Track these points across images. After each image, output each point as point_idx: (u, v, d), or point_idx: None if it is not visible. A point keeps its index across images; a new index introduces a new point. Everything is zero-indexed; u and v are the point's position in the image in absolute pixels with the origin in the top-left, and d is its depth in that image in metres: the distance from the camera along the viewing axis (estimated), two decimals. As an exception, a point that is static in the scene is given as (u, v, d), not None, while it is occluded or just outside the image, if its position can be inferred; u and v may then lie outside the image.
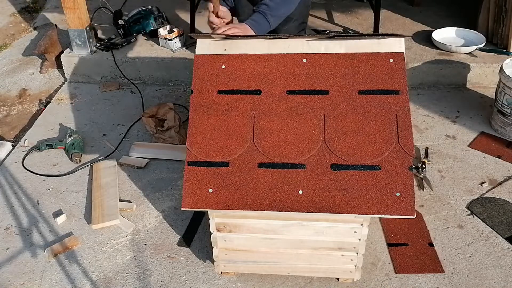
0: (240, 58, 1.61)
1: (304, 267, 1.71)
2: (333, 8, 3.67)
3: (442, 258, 1.86)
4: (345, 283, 1.77)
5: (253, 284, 1.78)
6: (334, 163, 1.46)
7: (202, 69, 1.61)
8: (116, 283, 1.80)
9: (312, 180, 1.45)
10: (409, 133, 1.47)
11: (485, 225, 2.00)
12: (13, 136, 2.77)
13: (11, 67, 3.35)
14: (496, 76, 2.58)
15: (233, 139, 1.51)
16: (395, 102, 1.51)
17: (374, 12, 3.11)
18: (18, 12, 4.15)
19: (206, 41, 1.65)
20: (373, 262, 1.86)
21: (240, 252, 1.68)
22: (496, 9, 3.00)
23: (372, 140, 1.47)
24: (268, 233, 1.60)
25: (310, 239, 1.60)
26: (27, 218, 2.10)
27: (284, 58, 1.60)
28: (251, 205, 1.46)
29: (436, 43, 3.05)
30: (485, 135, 2.53)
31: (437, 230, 1.98)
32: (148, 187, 2.24)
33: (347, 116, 1.51)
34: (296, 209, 1.44)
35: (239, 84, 1.58)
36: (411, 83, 2.87)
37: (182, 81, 3.07)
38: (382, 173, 1.44)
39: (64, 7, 2.98)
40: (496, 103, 2.51)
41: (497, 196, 2.14)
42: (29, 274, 1.84)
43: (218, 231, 1.62)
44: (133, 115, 2.76)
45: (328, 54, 1.59)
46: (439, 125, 2.62)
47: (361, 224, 1.53)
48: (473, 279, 1.78)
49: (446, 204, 2.11)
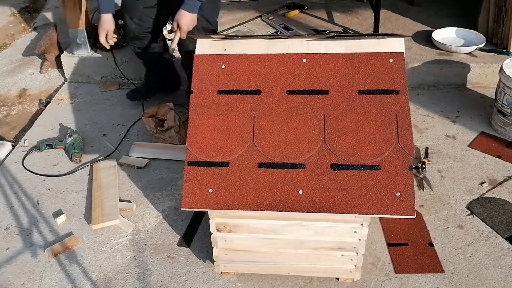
0: (240, 58, 1.61)
1: (304, 267, 1.71)
2: (333, 8, 3.67)
3: (442, 258, 1.86)
4: (345, 283, 1.77)
5: (253, 284, 1.78)
6: (334, 163, 1.46)
7: (202, 69, 1.61)
8: (116, 283, 1.79)
9: (312, 180, 1.45)
10: (409, 133, 1.47)
11: (485, 225, 2.00)
12: (13, 136, 2.77)
13: (11, 67, 3.35)
14: (496, 76, 2.58)
15: (233, 139, 1.51)
16: (395, 102, 1.51)
17: (374, 12, 3.11)
18: (18, 12, 4.15)
19: (206, 41, 1.65)
20: (373, 262, 1.86)
21: (240, 252, 1.68)
22: (496, 9, 3.00)
23: (372, 140, 1.47)
24: (268, 233, 1.60)
25: (310, 239, 1.60)
26: (27, 218, 2.10)
27: (284, 58, 1.60)
28: (251, 205, 1.46)
29: (436, 43, 3.05)
30: (485, 135, 2.53)
31: (437, 230, 1.98)
32: (148, 187, 2.24)
33: (347, 116, 1.51)
34: (296, 209, 1.44)
35: (239, 84, 1.58)
36: (411, 83, 2.86)
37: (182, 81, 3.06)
38: (382, 173, 1.44)
39: (64, 7, 2.98)
40: (496, 103, 2.51)
41: (497, 196, 2.14)
42: (29, 274, 1.84)
43: (218, 231, 1.62)
44: (133, 115, 2.76)
45: (328, 54, 1.59)
46: (439, 125, 2.62)
47: (361, 224, 1.53)
48: (473, 279, 1.78)
49: (446, 204, 2.11)
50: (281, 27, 3.34)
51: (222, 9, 3.66)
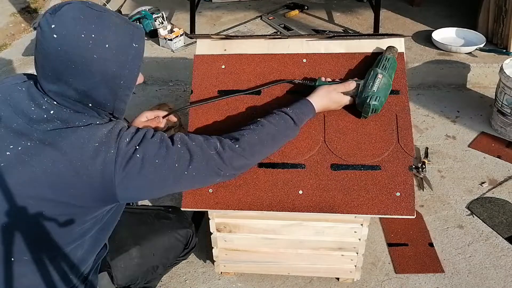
0: (240, 58, 1.61)
1: (304, 267, 1.71)
2: (333, 8, 3.67)
3: (442, 258, 1.86)
4: (345, 283, 1.77)
5: (253, 284, 1.78)
6: (334, 163, 1.46)
7: (202, 69, 1.61)
8: (116, 283, 1.79)
9: (312, 180, 1.45)
10: (409, 133, 1.47)
11: (485, 225, 2.00)
12: (13, 136, 2.76)
13: (11, 67, 3.35)
14: (496, 76, 2.58)
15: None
16: (395, 102, 1.51)
17: (374, 12, 3.11)
18: (18, 12, 4.15)
19: (206, 41, 1.65)
20: (373, 262, 1.86)
21: (240, 252, 1.68)
22: (496, 9, 3.00)
23: (372, 140, 1.47)
24: (268, 233, 1.60)
25: (310, 239, 1.60)
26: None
27: (284, 58, 1.60)
28: (251, 205, 1.45)
29: (436, 43, 3.05)
30: (485, 135, 2.53)
31: (437, 230, 1.98)
32: (148, 187, 2.24)
33: (347, 116, 1.51)
34: (296, 209, 1.44)
35: (239, 84, 1.58)
36: (411, 83, 2.87)
37: (182, 81, 3.07)
38: (382, 173, 1.44)
39: (64, 7, 2.98)
40: (496, 103, 2.51)
41: (497, 196, 2.14)
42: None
43: (218, 231, 1.61)
44: (133, 115, 2.75)
45: (328, 54, 1.59)
46: (439, 125, 2.62)
47: (361, 224, 1.53)
48: (473, 279, 1.78)
49: (446, 204, 2.11)
50: (281, 27, 3.34)
51: (222, 9, 3.68)
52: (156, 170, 1.15)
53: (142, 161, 1.13)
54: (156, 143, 1.18)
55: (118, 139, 1.13)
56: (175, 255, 1.60)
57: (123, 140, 1.13)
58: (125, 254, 1.47)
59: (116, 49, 1.08)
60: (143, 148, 1.15)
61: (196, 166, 1.21)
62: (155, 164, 1.15)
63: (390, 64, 1.46)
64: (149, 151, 1.15)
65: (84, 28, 1.04)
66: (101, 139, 1.11)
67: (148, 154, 1.15)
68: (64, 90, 1.08)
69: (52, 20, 1.04)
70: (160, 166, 1.16)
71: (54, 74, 1.07)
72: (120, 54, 1.09)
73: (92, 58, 1.06)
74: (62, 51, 1.04)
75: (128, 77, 1.13)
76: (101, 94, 1.11)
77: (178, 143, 1.21)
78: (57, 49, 1.04)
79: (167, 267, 1.64)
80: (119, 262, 1.45)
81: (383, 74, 1.44)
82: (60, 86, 1.08)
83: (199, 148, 1.23)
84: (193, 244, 1.65)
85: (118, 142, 1.12)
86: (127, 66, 1.11)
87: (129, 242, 1.49)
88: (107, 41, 1.07)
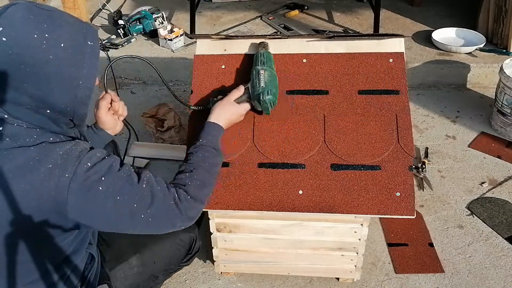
0: (240, 58, 1.61)
1: (304, 267, 1.71)
2: (333, 8, 3.66)
3: (442, 258, 1.86)
4: (345, 283, 1.77)
5: (253, 284, 1.78)
6: (334, 163, 1.46)
7: (202, 69, 1.61)
8: (116, 283, 1.79)
9: (312, 180, 1.45)
10: (409, 133, 1.47)
11: (485, 225, 2.00)
12: (13, 136, 2.76)
13: None
14: (496, 76, 2.58)
15: (233, 139, 1.51)
16: (395, 102, 1.51)
17: (374, 12, 3.11)
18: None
19: (206, 41, 1.65)
20: (373, 262, 1.86)
21: (240, 252, 1.68)
22: (496, 9, 3.00)
23: (372, 140, 1.47)
24: (268, 233, 1.60)
25: (310, 239, 1.60)
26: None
27: (284, 58, 1.60)
28: (251, 205, 1.45)
29: (436, 43, 3.05)
30: (485, 135, 2.53)
31: (437, 230, 1.98)
32: (148, 187, 2.24)
33: (347, 116, 1.51)
34: (296, 209, 1.44)
35: (239, 85, 1.58)
36: (411, 83, 2.86)
37: (182, 81, 3.06)
38: (382, 173, 1.44)
39: (64, 7, 2.98)
40: (496, 103, 2.51)
41: (497, 196, 2.14)
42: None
43: (218, 231, 1.61)
44: (133, 115, 2.76)
45: (328, 54, 1.59)
46: (439, 125, 2.62)
47: (361, 224, 1.53)
48: (473, 279, 1.78)
49: (446, 204, 2.11)
50: (281, 27, 3.34)
51: (222, 9, 3.67)
52: (116, 205, 1.09)
53: (105, 194, 1.07)
54: (122, 178, 1.12)
55: (76, 163, 1.04)
56: (177, 261, 1.57)
57: (83, 165, 1.05)
58: (125, 263, 1.43)
59: (71, 48, 1.01)
60: (107, 181, 1.08)
61: (153, 212, 1.14)
62: (116, 200, 1.09)
63: (265, 57, 1.51)
64: (113, 186, 1.09)
65: (35, 28, 0.97)
66: (56, 160, 1.02)
67: (111, 188, 1.08)
68: (16, 97, 0.99)
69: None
70: (121, 202, 1.10)
71: (5, 81, 0.97)
72: (76, 53, 1.02)
73: (47, 59, 0.98)
74: (13, 54, 0.96)
75: (87, 76, 1.06)
76: (59, 97, 1.03)
77: (144, 182, 1.16)
78: (8, 53, 0.95)
79: (169, 274, 1.61)
80: (118, 272, 1.41)
81: (264, 69, 1.47)
82: (12, 93, 0.99)
83: (162, 195, 1.17)
84: (197, 249, 1.61)
85: (76, 166, 1.04)
86: (85, 66, 1.05)
87: (128, 251, 1.45)
88: (62, 41, 1.00)
